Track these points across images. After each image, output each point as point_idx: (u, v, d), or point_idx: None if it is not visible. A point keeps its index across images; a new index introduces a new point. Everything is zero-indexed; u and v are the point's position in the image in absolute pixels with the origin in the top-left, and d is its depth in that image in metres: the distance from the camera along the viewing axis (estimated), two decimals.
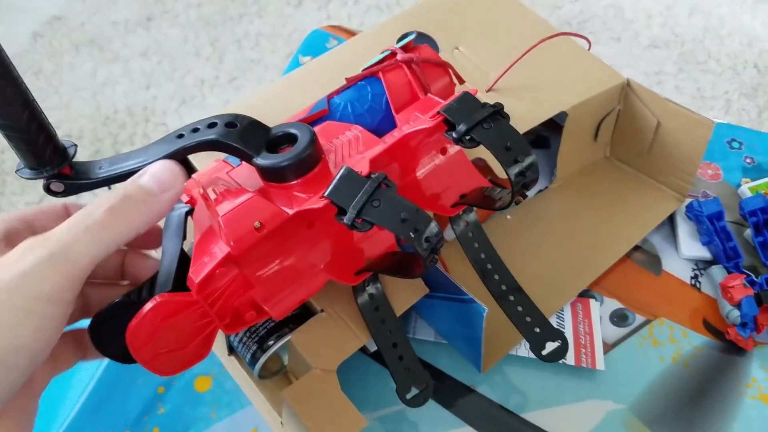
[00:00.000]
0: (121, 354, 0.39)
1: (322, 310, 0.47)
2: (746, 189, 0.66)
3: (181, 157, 0.39)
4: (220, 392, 0.54)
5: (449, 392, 0.53)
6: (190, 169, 0.41)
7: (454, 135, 0.41)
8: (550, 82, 0.58)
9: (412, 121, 0.44)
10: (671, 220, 0.63)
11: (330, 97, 0.49)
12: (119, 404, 0.53)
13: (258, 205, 0.38)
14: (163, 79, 1.73)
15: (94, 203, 0.34)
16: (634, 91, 0.58)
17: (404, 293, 0.49)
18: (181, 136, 0.40)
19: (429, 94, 0.47)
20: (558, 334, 0.47)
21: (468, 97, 0.42)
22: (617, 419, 0.52)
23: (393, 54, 0.49)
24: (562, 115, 0.57)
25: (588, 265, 0.59)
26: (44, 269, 0.31)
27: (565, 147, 0.59)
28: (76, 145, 0.41)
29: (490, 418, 0.52)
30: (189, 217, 0.43)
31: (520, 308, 0.48)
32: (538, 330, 0.47)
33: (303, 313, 0.48)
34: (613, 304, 0.58)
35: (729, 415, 0.52)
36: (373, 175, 0.37)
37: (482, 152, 0.51)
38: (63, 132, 1.60)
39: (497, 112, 0.41)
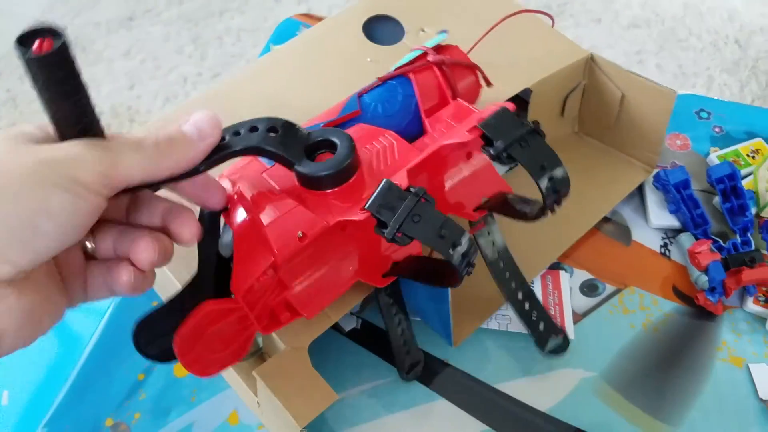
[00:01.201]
0: (160, 354, 0.41)
1: None
2: (715, 157, 0.67)
3: (222, 161, 0.38)
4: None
5: (424, 366, 0.54)
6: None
7: (491, 151, 0.42)
8: (515, 60, 0.58)
9: (444, 129, 0.45)
10: (640, 192, 0.64)
11: (360, 95, 0.50)
12: (101, 392, 0.54)
13: (301, 215, 0.39)
14: (146, 78, 1.73)
15: (141, 135, 0.34)
16: (598, 65, 0.59)
17: None
18: (223, 138, 0.39)
19: (458, 99, 0.48)
20: (559, 330, 0.50)
21: (506, 114, 0.43)
22: (589, 387, 0.53)
23: (424, 54, 0.50)
24: (528, 92, 0.58)
25: (558, 238, 0.60)
26: (90, 160, 0.32)
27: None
28: None
29: (464, 390, 0.53)
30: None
31: (528, 308, 0.51)
32: (542, 327, 0.49)
33: None
34: (583, 275, 0.59)
35: (700, 378, 0.53)
36: (412, 189, 0.39)
37: None
38: None
39: (534, 130, 0.42)
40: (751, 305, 0.57)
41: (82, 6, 1.95)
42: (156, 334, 0.40)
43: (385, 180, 0.39)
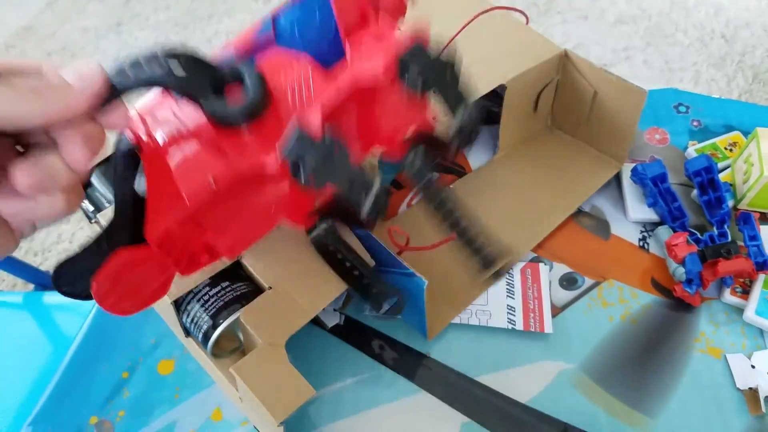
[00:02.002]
0: (80, 294, 0.41)
1: (270, 288, 0.48)
2: (693, 151, 0.68)
3: (121, 95, 0.36)
4: (182, 374, 0.55)
5: (404, 361, 0.55)
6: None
7: (407, 77, 0.42)
8: (489, 57, 0.59)
9: (364, 51, 0.43)
10: (619, 186, 0.65)
11: (275, 16, 0.47)
12: (85, 391, 0.55)
13: (213, 161, 0.38)
14: None
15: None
16: (572, 62, 0.60)
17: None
18: (122, 71, 0.36)
19: (381, 13, 0.46)
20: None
21: (421, 51, 0.42)
22: (568, 378, 0.53)
23: None
24: (502, 87, 0.58)
25: (532, 230, 0.61)
26: None
27: (506, 119, 0.60)
28: None
29: (445, 383, 0.53)
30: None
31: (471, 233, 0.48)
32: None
33: (253, 290, 0.50)
34: (562, 269, 0.60)
35: (678, 369, 0.54)
36: (327, 139, 0.38)
37: None
38: None
39: (451, 64, 0.43)
40: (728, 296, 0.57)
41: (70, 12, 1.95)
42: (76, 275, 0.40)
43: (297, 129, 0.38)
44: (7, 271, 1.01)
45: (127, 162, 0.41)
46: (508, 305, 0.56)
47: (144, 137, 0.40)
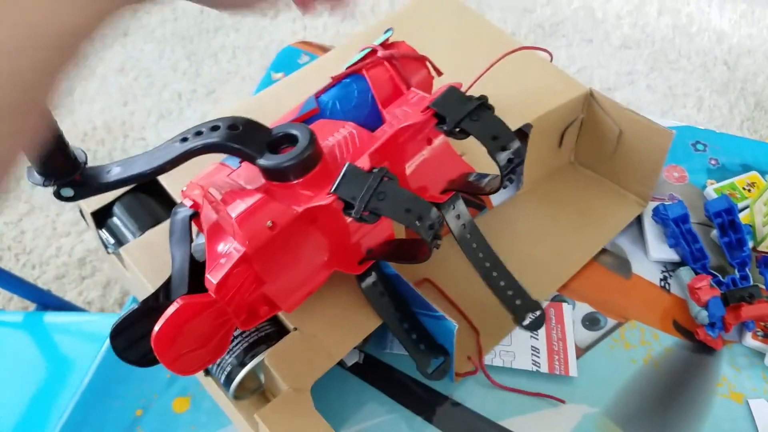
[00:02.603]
0: (141, 358, 0.41)
1: (296, 329, 0.47)
2: (711, 190, 0.67)
3: (187, 159, 0.40)
4: (198, 413, 0.54)
5: (427, 402, 0.54)
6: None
7: (444, 128, 0.44)
8: (515, 95, 0.59)
9: (401, 116, 0.46)
10: (639, 224, 0.65)
11: (317, 95, 0.51)
12: (97, 429, 0.53)
13: (269, 204, 0.40)
14: (140, 94, 1.73)
15: None
16: (597, 101, 0.60)
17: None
18: (185, 139, 0.41)
19: (412, 88, 0.49)
20: (537, 305, 0.50)
21: (454, 91, 0.45)
22: (591, 423, 0.53)
23: (374, 51, 0.51)
24: (527, 126, 0.58)
25: (555, 270, 0.60)
26: None
27: (531, 155, 0.60)
28: (86, 153, 0.42)
29: (466, 427, 0.52)
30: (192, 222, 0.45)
31: (501, 282, 0.51)
32: (519, 302, 0.50)
33: (278, 330, 0.49)
34: (584, 308, 0.59)
35: (700, 414, 0.54)
36: (375, 170, 0.40)
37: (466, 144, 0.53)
38: None
39: (483, 104, 0.44)
40: (750, 340, 0.57)
41: None
42: (134, 338, 0.41)
43: (347, 163, 0.40)
44: (5, 288, 1.00)
45: (184, 226, 0.44)
46: (532, 346, 0.55)
47: (201, 202, 0.42)
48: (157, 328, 0.38)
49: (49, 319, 0.94)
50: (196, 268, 0.43)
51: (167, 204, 0.55)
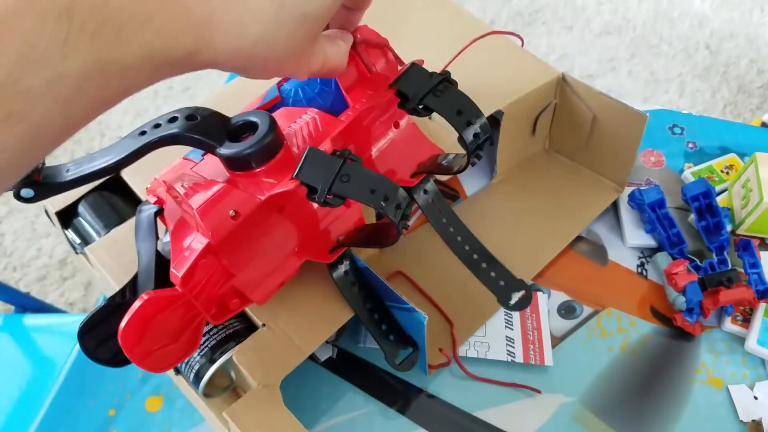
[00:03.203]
0: (111, 357, 0.40)
1: (264, 325, 0.46)
2: (689, 174, 0.67)
3: (146, 152, 0.39)
4: (171, 411, 0.53)
5: (401, 395, 0.53)
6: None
7: (408, 105, 0.43)
8: (486, 81, 0.58)
9: (365, 98, 0.45)
10: (616, 210, 0.64)
11: (279, 84, 0.49)
12: (71, 428, 0.52)
13: (230, 193, 0.39)
14: None
15: None
16: (570, 86, 0.59)
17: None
18: (143, 132, 0.40)
19: (376, 71, 0.48)
20: (522, 285, 0.49)
21: (416, 68, 0.44)
22: (568, 412, 0.52)
23: None
24: (499, 112, 0.57)
25: (531, 258, 0.59)
26: None
27: (504, 143, 0.59)
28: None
29: (442, 419, 0.52)
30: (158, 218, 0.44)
31: (484, 265, 0.50)
32: (502, 283, 0.49)
33: (247, 327, 0.48)
34: (560, 297, 0.59)
35: (679, 401, 0.53)
36: (337, 152, 0.39)
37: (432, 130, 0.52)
38: None
39: (446, 80, 0.43)
40: (729, 325, 0.56)
41: None
42: (102, 337, 0.40)
43: (309, 147, 0.39)
44: None
45: (150, 223, 0.43)
46: (506, 336, 0.55)
47: (165, 198, 0.42)
48: (123, 323, 0.37)
49: (28, 322, 0.93)
50: (164, 266, 0.42)
51: (133, 201, 0.54)
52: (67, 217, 0.54)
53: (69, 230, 0.54)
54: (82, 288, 1.38)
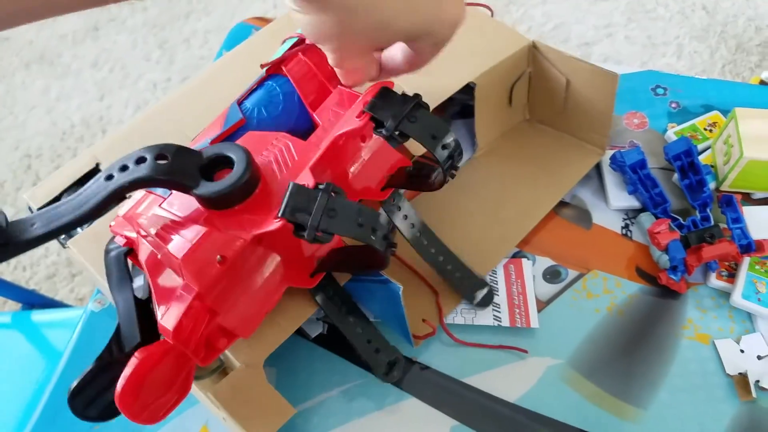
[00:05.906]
0: (101, 413, 0.40)
1: None
2: (672, 134, 0.67)
3: (116, 200, 0.37)
4: None
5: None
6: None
7: (384, 132, 0.43)
8: (456, 54, 0.57)
9: (333, 118, 0.45)
10: (599, 174, 0.64)
11: (240, 102, 0.49)
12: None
13: (212, 237, 0.38)
14: (115, 87, 1.72)
15: None
16: (541, 52, 0.59)
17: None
18: (110, 177, 0.37)
19: (339, 86, 0.48)
20: (483, 283, 0.51)
21: (388, 92, 0.44)
22: (556, 374, 0.53)
23: (300, 41, 0.50)
24: (472, 84, 0.57)
25: (516, 225, 0.60)
26: None
27: (480, 115, 0.59)
28: (4, 213, 0.38)
29: (432, 386, 0.53)
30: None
31: (449, 267, 0.50)
32: (466, 283, 0.50)
33: None
34: (545, 262, 0.59)
35: (666, 358, 0.54)
36: (321, 186, 0.38)
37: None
38: (21, 151, 1.59)
39: (418, 104, 0.43)
40: (715, 281, 0.57)
41: (45, 20, 1.93)
42: (92, 396, 0.39)
43: (292, 183, 0.38)
44: None
45: (121, 266, 0.41)
46: (492, 302, 0.55)
47: (134, 237, 0.40)
48: (119, 387, 0.36)
49: (36, 318, 0.95)
50: (142, 307, 0.41)
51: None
52: None
53: None
54: (90, 283, 1.40)
